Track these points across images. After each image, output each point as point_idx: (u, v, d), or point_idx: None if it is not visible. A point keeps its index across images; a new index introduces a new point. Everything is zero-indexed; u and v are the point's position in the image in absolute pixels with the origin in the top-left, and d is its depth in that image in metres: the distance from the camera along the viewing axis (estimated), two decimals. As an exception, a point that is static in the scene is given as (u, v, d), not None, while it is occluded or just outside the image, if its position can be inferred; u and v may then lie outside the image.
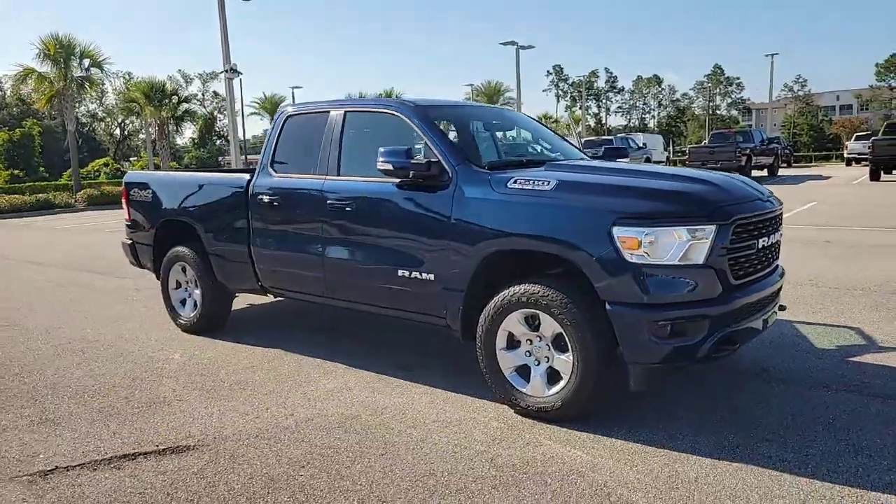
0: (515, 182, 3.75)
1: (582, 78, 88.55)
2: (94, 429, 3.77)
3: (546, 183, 3.66)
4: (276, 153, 5.04)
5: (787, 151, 40.14)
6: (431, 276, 4.02)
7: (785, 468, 3.04)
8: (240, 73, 21.50)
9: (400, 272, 4.17)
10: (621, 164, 4.82)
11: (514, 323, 3.69)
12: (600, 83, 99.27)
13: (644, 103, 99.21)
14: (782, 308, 4.20)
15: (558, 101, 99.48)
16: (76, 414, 4.01)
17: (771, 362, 4.47)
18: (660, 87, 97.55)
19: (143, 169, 42.43)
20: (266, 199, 4.93)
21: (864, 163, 31.11)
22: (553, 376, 3.62)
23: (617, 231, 3.30)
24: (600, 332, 3.40)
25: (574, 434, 3.47)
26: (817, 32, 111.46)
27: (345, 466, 3.22)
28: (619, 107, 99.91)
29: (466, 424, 3.66)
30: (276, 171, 5.00)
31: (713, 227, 3.29)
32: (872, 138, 23.51)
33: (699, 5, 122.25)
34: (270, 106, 51.53)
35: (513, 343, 3.76)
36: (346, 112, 4.70)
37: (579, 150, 5.36)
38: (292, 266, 4.87)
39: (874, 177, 22.38)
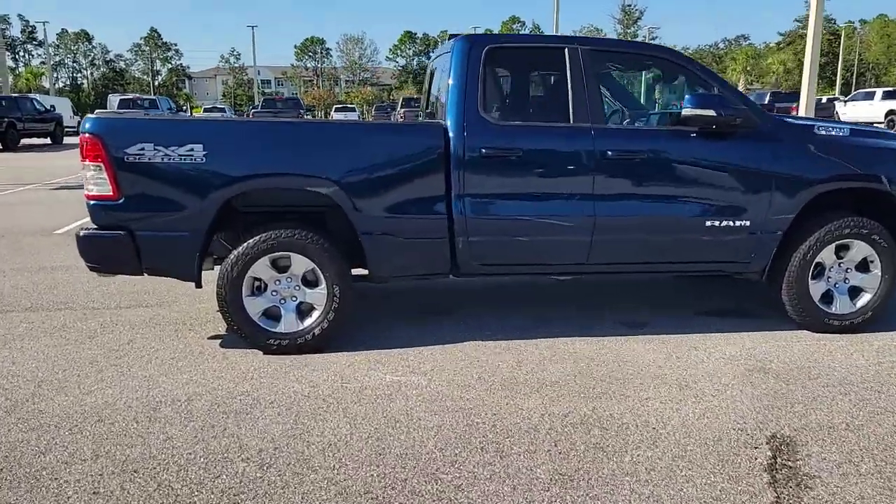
0: (820, 129, 4.21)
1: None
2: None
3: (841, 130, 4.26)
4: (485, 96, 3.88)
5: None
6: (747, 223, 4.10)
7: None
8: None
9: (708, 223, 4.08)
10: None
11: (827, 254, 4.23)
12: (14, 32, 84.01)
13: (74, 61, 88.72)
14: None
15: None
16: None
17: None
18: (90, 44, 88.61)
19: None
20: (494, 153, 3.83)
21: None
22: (854, 293, 4.33)
23: None
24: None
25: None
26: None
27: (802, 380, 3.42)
28: (43, 62, 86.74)
29: (816, 343, 4.14)
30: (497, 119, 3.88)
31: None
32: None
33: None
34: None
35: (818, 273, 4.28)
36: (592, 50, 4.05)
37: None
38: (538, 233, 3.97)
39: None
